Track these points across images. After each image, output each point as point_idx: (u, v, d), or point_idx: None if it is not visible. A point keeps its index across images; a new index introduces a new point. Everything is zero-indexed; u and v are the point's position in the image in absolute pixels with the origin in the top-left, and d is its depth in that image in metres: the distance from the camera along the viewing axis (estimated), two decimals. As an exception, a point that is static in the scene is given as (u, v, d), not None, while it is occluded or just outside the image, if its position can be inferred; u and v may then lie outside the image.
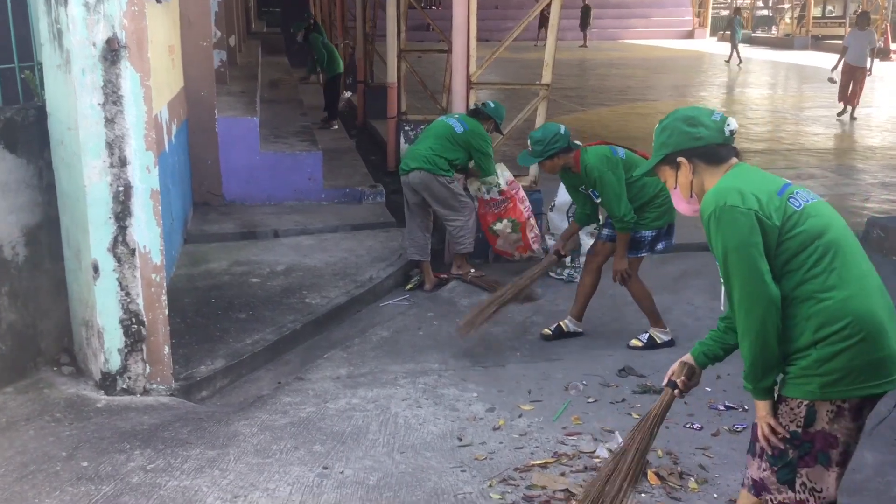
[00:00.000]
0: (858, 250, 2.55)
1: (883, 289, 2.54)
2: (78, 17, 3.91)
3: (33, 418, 4.04)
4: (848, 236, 2.55)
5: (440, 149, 6.16)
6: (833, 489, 2.55)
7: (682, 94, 18.34)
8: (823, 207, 2.57)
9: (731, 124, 2.72)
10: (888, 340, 2.45)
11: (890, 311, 2.51)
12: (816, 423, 2.50)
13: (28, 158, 4.31)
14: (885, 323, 2.46)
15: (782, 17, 38.94)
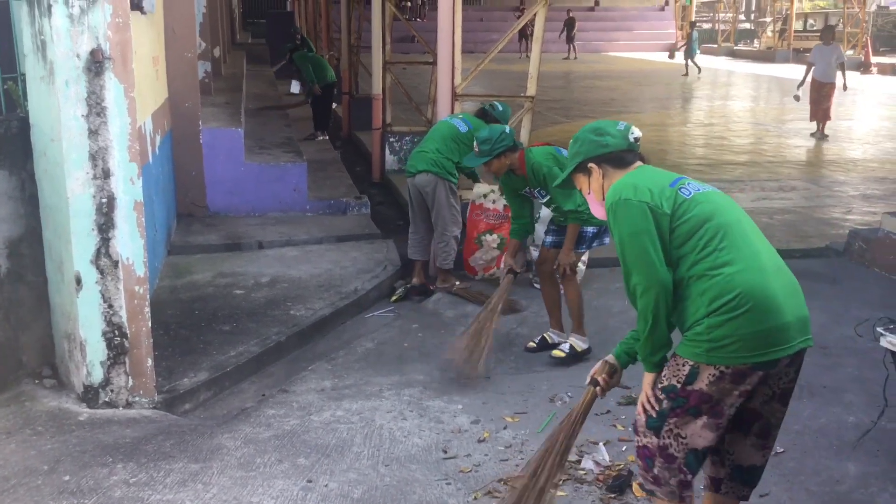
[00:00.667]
0: (752, 231, 2.77)
1: (781, 267, 2.74)
2: (62, 28, 3.90)
3: (14, 432, 4.00)
4: (740, 219, 2.77)
5: (447, 150, 6.20)
6: (697, 438, 2.73)
7: (664, 107, 18.46)
8: (713, 195, 2.80)
9: (634, 132, 3.01)
10: (777, 313, 2.63)
11: (787, 287, 2.70)
12: (696, 383, 2.70)
13: (10, 170, 4.29)
14: (776, 297, 2.64)
15: (764, 31, 39.28)
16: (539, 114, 7.42)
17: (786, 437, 4.13)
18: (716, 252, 2.67)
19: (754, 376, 2.67)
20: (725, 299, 2.63)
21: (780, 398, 2.81)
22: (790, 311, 2.66)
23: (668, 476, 2.79)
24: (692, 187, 2.80)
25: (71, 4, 3.88)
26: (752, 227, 2.80)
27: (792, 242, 7.59)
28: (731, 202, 2.83)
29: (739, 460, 2.90)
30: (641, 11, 40.86)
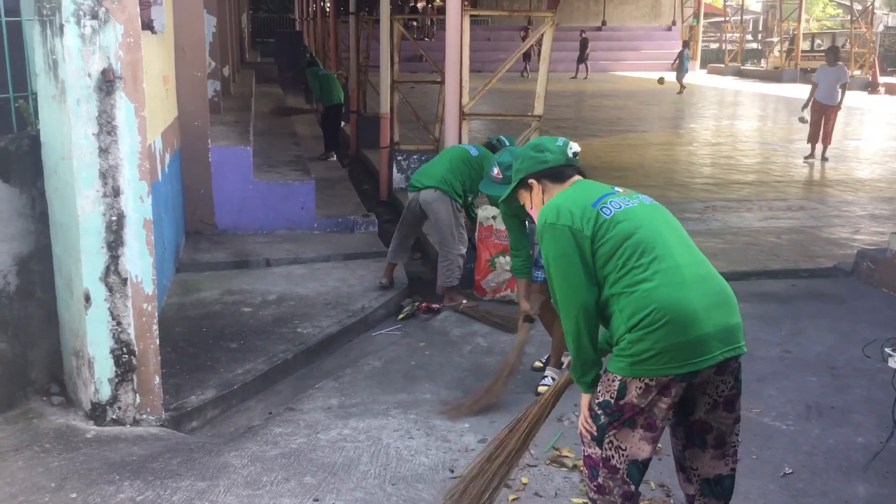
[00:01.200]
0: (676, 245, 2.81)
1: (706, 278, 2.78)
2: (74, 48, 3.94)
3: (22, 448, 4.00)
4: (663, 233, 2.81)
5: (457, 172, 6.27)
6: (642, 449, 2.81)
7: (671, 126, 18.50)
8: (636, 211, 2.85)
9: (573, 147, 3.13)
10: (694, 326, 2.68)
11: (710, 299, 2.74)
12: (626, 397, 2.78)
13: (21, 188, 4.32)
14: (693, 310, 2.69)
15: (771, 51, 39.38)
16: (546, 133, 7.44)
17: (794, 457, 4.12)
18: (634, 269, 2.74)
19: (678, 388, 2.75)
20: (642, 315, 2.70)
21: (725, 406, 2.87)
22: (710, 323, 2.71)
23: (612, 486, 2.87)
24: (615, 204, 2.85)
25: (83, 24, 3.92)
26: (678, 241, 2.84)
27: (800, 262, 7.58)
28: (656, 216, 2.89)
29: (705, 474, 2.96)
30: (648, 31, 41.03)
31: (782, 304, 6.55)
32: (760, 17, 49.66)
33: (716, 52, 43.16)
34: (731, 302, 2.81)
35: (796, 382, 5.06)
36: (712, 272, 2.84)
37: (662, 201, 3.12)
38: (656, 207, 2.94)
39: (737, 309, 2.82)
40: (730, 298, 2.81)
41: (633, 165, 12.97)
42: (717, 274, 2.85)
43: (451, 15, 6.66)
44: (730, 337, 2.75)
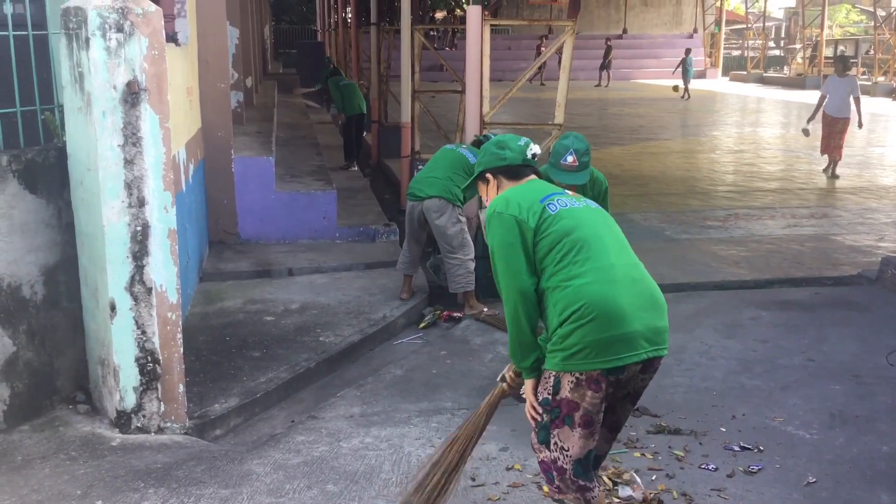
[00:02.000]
0: (613, 246, 2.98)
1: (638, 280, 2.94)
2: (99, 60, 4.00)
3: (49, 456, 4.06)
4: (601, 234, 2.98)
5: (458, 179, 6.29)
6: (577, 448, 2.97)
7: (693, 133, 18.42)
8: (579, 211, 3.02)
9: (532, 149, 3.26)
10: (621, 323, 2.83)
11: (639, 299, 2.89)
12: (561, 392, 2.93)
13: (48, 199, 4.39)
14: (621, 307, 2.84)
15: (794, 58, 39.14)
16: (567, 141, 7.52)
17: (818, 466, 4.09)
18: (570, 265, 2.90)
19: (606, 382, 2.90)
20: (572, 309, 2.85)
21: (632, 399, 3.10)
22: (637, 322, 2.86)
23: (566, 486, 3.05)
24: (561, 203, 3.03)
25: (108, 38, 3.98)
26: (615, 243, 3.01)
27: (823, 270, 7.53)
28: (597, 219, 3.05)
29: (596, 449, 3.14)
30: (670, 39, 40.89)
31: (806, 311, 6.51)
32: (783, 24, 49.39)
33: (738, 59, 42.96)
34: (659, 305, 2.97)
35: (820, 391, 5.03)
36: (645, 276, 3.01)
37: (685, 209, 3.20)
38: (600, 212, 3.12)
39: (665, 313, 2.98)
40: (659, 302, 2.97)
41: (654, 174, 12.94)
42: (649, 278, 3.02)
43: (472, 24, 6.69)
44: (656, 338, 2.91)
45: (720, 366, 5.43)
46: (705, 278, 7.22)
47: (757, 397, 4.91)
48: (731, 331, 6.06)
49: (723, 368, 5.38)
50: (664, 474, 4.00)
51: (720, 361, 5.49)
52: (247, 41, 13.43)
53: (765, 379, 5.20)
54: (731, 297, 6.83)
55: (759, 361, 5.49)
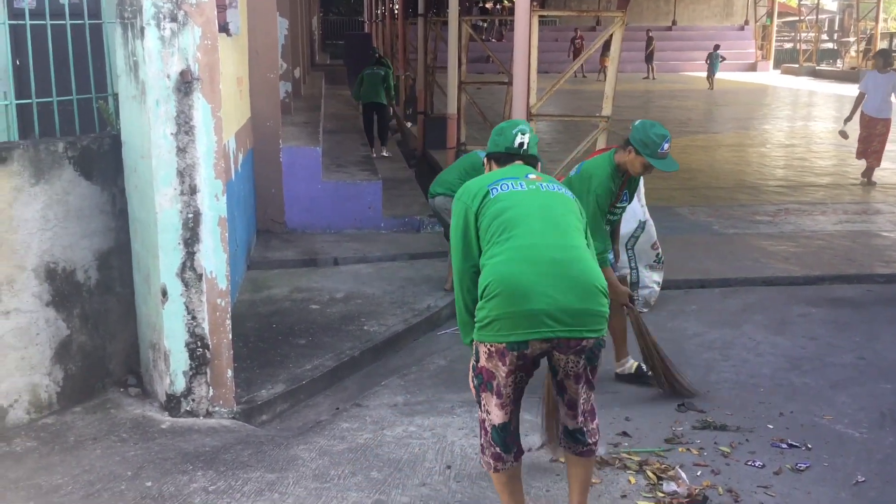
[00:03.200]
0: (542, 229, 3.09)
1: (557, 262, 3.02)
2: (154, 49, 4.06)
3: (100, 438, 4.15)
4: (532, 216, 3.11)
5: (468, 178, 6.29)
6: (495, 415, 3.18)
7: (743, 127, 18.15)
8: (520, 194, 3.19)
9: (520, 138, 3.41)
10: (525, 300, 2.97)
11: (554, 279, 2.99)
12: (480, 361, 3.15)
13: (102, 185, 4.48)
14: (528, 286, 2.97)
15: (847, 51, 38.33)
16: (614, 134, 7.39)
17: (867, 465, 4.03)
18: (494, 244, 3.09)
19: (511, 356, 3.04)
20: (484, 284, 3.05)
21: (575, 379, 3.17)
22: (543, 301, 2.96)
23: (485, 446, 3.26)
24: (505, 186, 3.21)
25: (162, 27, 4.05)
26: (547, 225, 3.11)
27: (875, 267, 7.39)
28: (539, 201, 3.18)
29: (562, 422, 3.33)
30: (720, 31, 40.30)
31: (857, 309, 6.39)
32: (836, 17, 48.36)
33: (790, 52, 42.19)
34: (583, 287, 3.02)
35: (870, 389, 4.94)
36: (574, 258, 3.06)
37: (733, 204, 3.17)
38: (549, 196, 3.22)
39: (592, 296, 3.02)
40: (583, 284, 3.02)
41: (702, 167, 12.78)
42: (581, 261, 3.07)
43: (520, 15, 6.66)
44: (569, 319, 2.99)
45: (768, 362, 5.36)
46: (754, 274, 7.13)
47: (805, 395, 4.84)
48: (779, 327, 5.98)
49: (771, 365, 5.31)
50: (709, 470, 3.97)
51: (768, 358, 5.42)
52: (296, 32, 13.53)
53: (814, 376, 5.13)
54: (780, 294, 6.74)
55: (808, 359, 5.41)
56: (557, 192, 3.27)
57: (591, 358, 3.14)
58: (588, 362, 3.14)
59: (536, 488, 3.79)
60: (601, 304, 3.05)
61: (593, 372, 3.19)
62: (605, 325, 3.08)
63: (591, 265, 3.09)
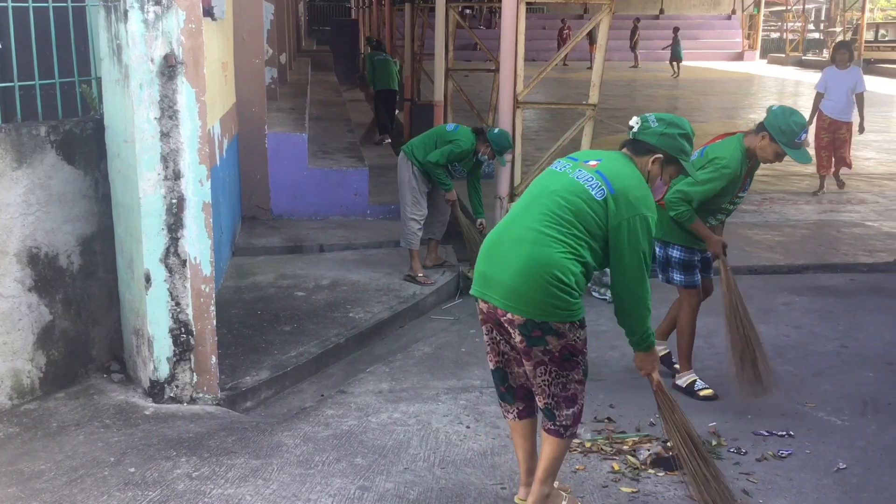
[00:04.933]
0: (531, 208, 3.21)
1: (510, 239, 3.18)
2: (137, 33, 4.02)
3: (83, 424, 4.13)
4: (535, 197, 3.25)
5: (427, 142, 6.64)
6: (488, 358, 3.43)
7: (729, 116, 18.18)
8: (549, 174, 3.32)
9: (632, 121, 3.45)
10: (482, 264, 3.25)
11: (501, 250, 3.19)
12: None
13: (85, 170, 4.44)
14: (487, 252, 3.25)
15: (833, 41, 38.43)
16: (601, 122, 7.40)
17: (849, 453, 4.06)
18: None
19: (478, 306, 3.31)
20: None
21: (524, 356, 3.24)
22: (489, 266, 3.21)
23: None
24: (556, 165, 3.34)
25: (146, 10, 4.01)
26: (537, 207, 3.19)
27: (859, 256, 7.43)
28: (551, 183, 3.25)
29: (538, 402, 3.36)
30: (707, 20, 40.35)
31: (840, 298, 6.43)
32: (823, 7, 48.46)
33: (776, 41, 42.28)
34: (518, 267, 3.12)
35: (853, 378, 4.98)
36: (530, 241, 3.13)
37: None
38: (568, 182, 3.22)
39: (525, 278, 3.09)
40: (522, 266, 3.11)
41: (688, 156, 12.79)
42: (534, 246, 3.11)
43: (508, 3, 6.64)
44: (498, 291, 3.16)
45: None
46: (738, 262, 7.14)
47: (789, 383, 4.87)
48: (764, 316, 6.00)
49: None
50: (692, 457, 3.98)
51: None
52: (281, 17, 13.44)
53: (797, 365, 5.16)
54: (764, 282, 6.77)
55: (791, 347, 5.44)
56: (579, 181, 3.20)
57: (530, 339, 3.16)
58: (528, 342, 3.17)
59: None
60: (529, 290, 3.09)
61: (547, 355, 3.18)
62: (531, 309, 3.10)
63: (545, 252, 3.10)
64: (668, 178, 3.47)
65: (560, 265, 3.09)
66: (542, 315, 3.11)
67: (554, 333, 3.14)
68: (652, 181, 3.37)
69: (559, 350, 3.18)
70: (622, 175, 3.23)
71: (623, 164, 3.29)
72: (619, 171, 3.24)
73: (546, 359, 3.20)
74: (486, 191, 6.97)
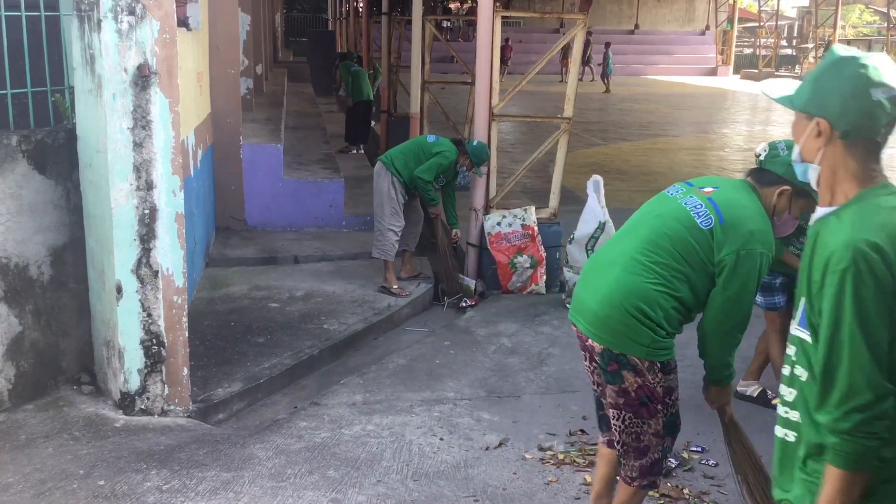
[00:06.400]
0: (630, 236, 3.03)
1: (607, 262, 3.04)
2: (111, 43, 4.01)
3: (52, 436, 4.08)
4: (635, 221, 3.10)
5: (408, 154, 6.63)
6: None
7: (703, 131, 18.37)
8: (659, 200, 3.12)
9: (759, 149, 3.41)
10: (580, 287, 3.12)
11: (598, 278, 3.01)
12: None
13: (57, 180, 4.40)
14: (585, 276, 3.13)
15: (806, 57, 38.97)
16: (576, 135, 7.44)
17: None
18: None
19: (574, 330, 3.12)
20: None
21: (602, 383, 3.09)
22: (580, 288, 3.10)
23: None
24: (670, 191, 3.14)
25: (120, 20, 3.99)
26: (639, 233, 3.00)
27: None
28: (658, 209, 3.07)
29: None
30: (682, 35, 40.78)
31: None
32: (795, 23, 49.16)
33: (749, 57, 42.80)
34: (594, 285, 3.02)
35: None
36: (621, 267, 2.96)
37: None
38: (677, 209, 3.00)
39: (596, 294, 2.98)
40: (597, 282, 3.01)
41: (662, 169, 12.92)
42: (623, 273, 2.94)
43: (483, 16, 6.67)
44: (576, 307, 3.09)
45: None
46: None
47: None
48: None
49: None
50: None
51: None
52: (258, 28, 13.42)
53: (771, 375, 5.20)
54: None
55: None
56: (687, 208, 2.96)
57: (606, 373, 2.97)
58: (604, 376, 2.99)
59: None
60: (610, 317, 2.91)
61: (622, 396, 2.96)
62: (610, 338, 2.91)
63: (633, 280, 2.90)
64: (798, 212, 3.06)
65: (647, 297, 2.88)
66: (619, 346, 2.90)
67: (631, 369, 2.92)
68: (778, 215, 3.02)
69: (635, 390, 2.94)
70: (737, 205, 2.92)
71: (742, 194, 2.98)
72: (735, 201, 2.93)
73: (621, 401, 2.98)
74: (460, 202, 6.99)
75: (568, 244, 6.79)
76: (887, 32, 32.38)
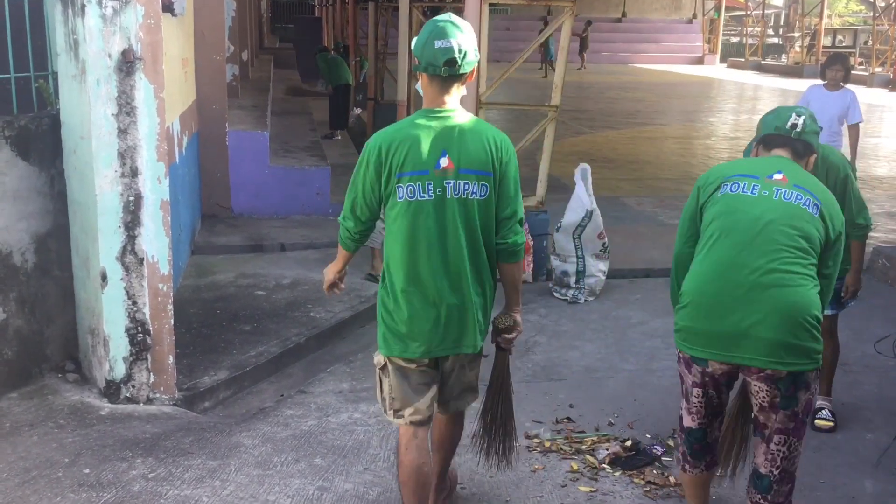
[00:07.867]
0: (743, 243, 2.89)
1: (756, 285, 2.83)
2: (95, 28, 3.97)
3: (37, 424, 4.06)
4: (746, 230, 2.90)
5: None
6: (685, 418, 3.13)
7: (690, 119, 18.40)
8: (744, 200, 2.96)
9: (794, 119, 3.13)
10: (712, 322, 2.89)
11: (746, 304, 2.83)
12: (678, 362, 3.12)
13: (40, 166, 4.37)
14: (719, 307, 2.88)
15: (792, 46, 39.09)
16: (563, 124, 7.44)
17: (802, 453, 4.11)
18: (704, 247, 2.99)
19: (695, 369, 3.00)
20: (684, 289, 3.02)
21: (772, 409, 2.94)
22: (731, 325, 2.85)
23: (679, 443, 3.22)
24: (737, 187, 3.00)
25: (104, 5, 3.95)
26: (759, 243, 2.87)
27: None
28: (759, 211, 2.92)
29: (756, 464, 3.07)
30: (669, 24, 40.76)
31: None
32: (782, 12, 49.24)
33: (736, 45, 42.85)
34: (747, 313, 2.84)
35: (807, 378, 5.05)
36: (776, 284, 2.82)
37: (679, 194, 3.20)
38: (780, 206, 2.91)
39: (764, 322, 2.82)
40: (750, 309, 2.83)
41: (649, 158, 12.94)
42: (783, 290, 2.82)
43: (471, 3, 6.64)
44: (722, 344, 2.89)
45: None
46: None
47: (744, 383, 4.93)
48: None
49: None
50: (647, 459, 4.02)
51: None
52: (243, 14, 13.33)
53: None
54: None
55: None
56: (794, 203, 2.92)
57: (784, 398, 2.87)
58: (781, 402, 2.88)
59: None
60: (796, 337, 2.81)
61: (793, 421, 2.91)
62: (796, 360, 2.83)
63: (797, 293, 2.82)
64: None
65: (816, 303, 2.86)
66: (802, 365, 2.84)
67: (804, 387, 2.89)
68: None
69: (803, 409, 2.92)
70: (813, 182, 3.02)
71: (802, 171, 3.07)
72: (810, 179, 3.02)
73: (791, 426, 2.93)
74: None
75: (555, 232, 6.79)
76: (873, 22, 32.43)
